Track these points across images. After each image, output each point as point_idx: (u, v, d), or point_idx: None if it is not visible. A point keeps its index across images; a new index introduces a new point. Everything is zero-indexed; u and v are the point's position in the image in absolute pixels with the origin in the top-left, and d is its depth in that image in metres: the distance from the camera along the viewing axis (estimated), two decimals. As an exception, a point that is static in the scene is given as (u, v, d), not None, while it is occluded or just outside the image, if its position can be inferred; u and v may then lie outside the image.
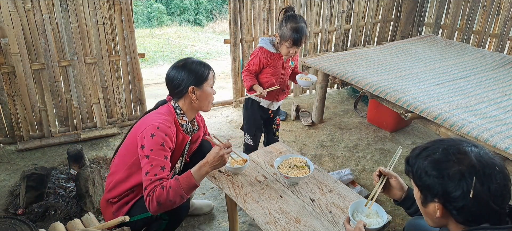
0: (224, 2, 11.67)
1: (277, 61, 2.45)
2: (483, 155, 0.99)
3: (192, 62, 1.78)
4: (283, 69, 2.49)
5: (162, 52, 7.73)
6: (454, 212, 1.00)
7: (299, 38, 2.27)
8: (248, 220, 2.36)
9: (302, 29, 2.27)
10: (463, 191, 0.96)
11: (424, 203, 1.08)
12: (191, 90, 1.75)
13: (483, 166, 0.96)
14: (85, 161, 2.76)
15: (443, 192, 0.99)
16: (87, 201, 2.33)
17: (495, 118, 2.37)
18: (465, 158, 0.98)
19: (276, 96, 2.57)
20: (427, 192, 1.05)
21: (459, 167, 0.97)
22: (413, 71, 3.19)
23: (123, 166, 1.73)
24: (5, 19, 2.78)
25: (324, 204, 1.70)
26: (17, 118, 3.10)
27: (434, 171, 1.01)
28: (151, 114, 1.74)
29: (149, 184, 1.55)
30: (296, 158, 1.95)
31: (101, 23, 3.11)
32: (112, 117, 3.48)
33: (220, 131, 3.56)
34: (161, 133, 1.61)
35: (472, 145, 1.02)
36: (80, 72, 3.18)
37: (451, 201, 0.99)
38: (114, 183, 1.74)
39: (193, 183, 1.59)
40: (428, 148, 1.07)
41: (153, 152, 1.58)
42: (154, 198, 1.53)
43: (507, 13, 3.89)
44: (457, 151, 1.00)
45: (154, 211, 1.57)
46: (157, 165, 1.58)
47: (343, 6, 4.31)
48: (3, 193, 2.55)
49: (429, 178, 1.02)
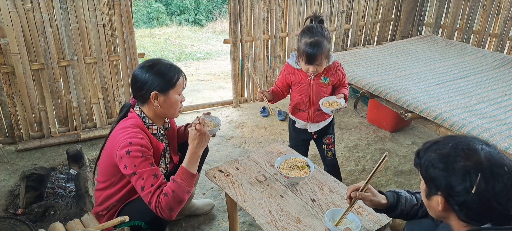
0: (224, 2, 11.67)
1: (302, 78, 2.19)
2: (493, 155, 0.99)
3: (161, 64, 1.67)
4: (310, 86, 2.19)
5: (162, 52, 7.73)
6: (455, 207, 1.00)
7: (313, 55, 1.99)
8: (248, 220, 2.36)
9: (316, 44, 1.98)
10: (465, 186, 0.96)
11: (428, 195, 1.08)
12: (154, 96, 1.64)
13: (491, 164, 0.96)
14: (85, 161, 2.75)
15: (446, 185, 1.00)
16: (87, 201, 2.33)
17: (495, 117, 2.37)
18: (473, 155, 0.98)
19: (311, 117, 2.26)
20: (431, 184, 1.05)
21: (465, 163, 0.97)
22: (413, 71, 3.19)
23: (109, 182, 1.72)
24: (4, 19, 2.78)
25: (325, 204, 1.70)
26: (16, 118, 3.10)
27: (441, 164, 1.02)
28: (119, 132, 1.63)
29: (150, 196, 1.52)
30: (297, 158, 1.94)
31: (100, 23, 3.11)
32: (112, 117, 3.47)
33: (220, 131, 3.55)
34: (135, 146, 1.55)
35: (484, 144, 1.02)
36: (79, 72, 3.17)
37: (453, 195, 0.99)
38: (103, 198, 1.75)
39: (190, 175, 1.56)
40: (439, 142, 1.07)
41: (137, 167, 1.54)
42: (164, 208, 1.51)
43: (507, 13, 3.89)
44: (466, 147, 1.00)
45: (170, 218, 1.54)
46: (148, 175, 1.54)
47: (343, 6, 4.31)
48: (3, 193, 2.55)
49: (435, 170, 1.02)
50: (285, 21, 4.06)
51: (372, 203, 1.38)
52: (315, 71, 2.09)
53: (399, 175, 2.87)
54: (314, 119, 2.26)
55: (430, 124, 2.47)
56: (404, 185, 2.75)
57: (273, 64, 4.15)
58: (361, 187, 1.36)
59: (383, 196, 1.40)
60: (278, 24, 3.96)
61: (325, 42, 2.02)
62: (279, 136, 3.47)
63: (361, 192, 1.35)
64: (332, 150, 2.40)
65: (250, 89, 4.13)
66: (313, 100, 2.21)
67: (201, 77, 5.88)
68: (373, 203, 1.38)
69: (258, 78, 4.07)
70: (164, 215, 1.53)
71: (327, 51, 2.06)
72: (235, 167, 1.98)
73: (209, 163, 2.95)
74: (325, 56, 2.05)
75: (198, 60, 7.20)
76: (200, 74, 6.14)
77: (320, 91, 2.19)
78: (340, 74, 2.22)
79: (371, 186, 1.38)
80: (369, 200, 1.37)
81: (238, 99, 4.10)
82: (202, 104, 4.13)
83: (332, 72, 2.20)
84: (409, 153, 3.18)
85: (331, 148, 2.39)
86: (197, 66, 6.75)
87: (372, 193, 1.38)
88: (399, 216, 1.42)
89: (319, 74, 2.16)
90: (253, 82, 4.09)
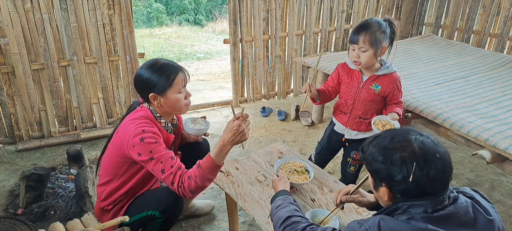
0: (224, 2, 11.67)
1: (353, 80, 2.10)
2: (426, 143, 1.05)
3: (158, 64, 1.67)
4: (359, 89, 2.09)
5: (162, 52, 7.73)
6: (398, 195, 1.07)
7: (357, 32, 1.92)
8: (248, 220, 2.36)
9: (363, 24, 1.92)
10: (403, 175, 1.03)
11: (375, 187, 1.15)
12: (152, 98, 1.67)
13: (425, 153, 1.03)
14: (85, 161, 2.76)
15: (388, 176, 1.07)
16: (87, 201, 2.33)
17: (495, 117, 2.37)
18: (408, 146, 1.05)
19: (351, 122, 2.16)
20: (376, 177, 1.12)
21: (402, 153, 1.04)
22: (413, 71, 3.19)
23: (113, 176, 1.72)
24: (4, 19, 2.78)
25: (325, 204, 1.70)
26: (16, 118, 3.10)
27: (380, 157, 1.08)
28: (129, 122, 1.64)
29: (173, 177, 1.54)
30: (295, 162, 1.90)
31: (100, 23, 3.11)
32: (111, 117, 3.47)
33: (220, 131, 3.56)
34: (148, 133, 1.57)
35: (418, 134, 1.08)
36: (79, 72, 3.17)
37: (394, 185, 1.06)
38: (107, 193, 1.75)
39: (216, 165, 1.56)
40: (379, 137, 1.13)
41: (153, 152, 1.56)
42: (187, 189, 1.54)
43: (507, 13, 3.89)
44: (402, 139, 1.07)
45: (190, 197, 1.59)
46: (166, 158, 1.56)
47: (343, 6, 4.31)
48: (3, 193, 2.55)
49: (377, 163, 1.09)
50: (285, 21, 4.06)
51: (362, 204, 1.44)
52: (358, 58, 1.96)
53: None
54: (354, 125, 2.16)
55: (430, 123, 2.47)
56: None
57: (273, 64, 4.15)
58: (351, 190, 1.42)
59: (373, 195, 1.43)
60: (278, 24, 3.96)
61: (375, 28, 1.91)
62: (279, 136, 3.47)
63: (350, 195, 1.42)
64: (356, 166, 2.29)
65: (250, 90, 4.13)
66: (357, 104, 2.11)
67: (201, 77, 5.88)
68: (363, 204, 1.44)
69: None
70: (186, 195, 1.56)
71: (375, 37, 1.91)
72: (235, 167, 1.99)
73: (209, 163, 2.95)
74: (369, 41, 1.91)
75: (198, 60, 7.21)
76: (200, 74, 6.14)
77: (368, 98, 2.07)
78: (395, 88, 2.07)
79: (360, 188, 1.42)
80: (358, 201, 1.43)
81: (238, 99, 4.10)
82: (202, 104, 4.13)
83: (386, 82, 2.05)
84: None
85: (356, 163, 2.28)
86: (197, 66, 6.75)
87: (361, 194, 1.44)
88: None
89: (371, 80, 2.05)
90: (253, 82, 4.09)
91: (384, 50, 2.00)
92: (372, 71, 2.08)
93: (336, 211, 1.47)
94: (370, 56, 1.97)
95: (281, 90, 4.31)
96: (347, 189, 1.43)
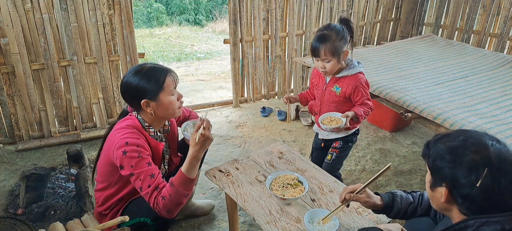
0: (224, 2, 11.67)
1: (320, 82, 2.17)
2: (503, 151, 0.99)
3: (144, 69, 1.62)
4: (323, 91, 2.16)
5: (162, 52, 7.73)
6: (458, 200, 1.01)
7: (315, 47, 1.96)
8: (248, 220, 2.36)
9: (321, 37, 1.95)
10: (471, 180, 0.96)
11: (433, 186, 1.09)
12: (144, 104, 1.62)
13: (501, 160, 0.96)
14: (85, 161, 2.76)
15: (452, 177, 1.01)
16: (87, 201, 2.33)
17: (495, 117, 2.37)
18: (483, 150, 0.98)
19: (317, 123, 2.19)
20: (437, 175, 1.06)
21: (474, 157, 0.98)
22: (413, 71, 3.19)
23: (108, 183, 1.72)
24: (4, 19, 2.78)
25: (325, 204, 1.69)
26: (16, 118, 3.10)
27: (448, 156, 1.02)
28: (115, 132, 1.61)
29: (148, 197, 1.53)
30: (286, 175, 1.82)
31: (100, 23, 3.11)
32: (111, 117, 3.47)
33: (220, 131, 3.56)
34: (131, 146, 1.54)
35: (495, 141, 1.02)
36: (79, 72, 3.17)
37: (457, 187, 1.00)
38: (103, 198, 1.75)
39: (189, 179, 1.53)
40: (450, 135, 1.08)
41: (134, 167, 1.53)
42: (162, 209, 1.52)
43: (507, 13, 3.89)
44: (477, 141, 1.01)
45: (169, 217, 1.56)
46: (145, 176, 1.53)
47: (343, 6, 4.31)
48: (3, 193, 2.55)
49: (442, 162, 1.03)
50: (285, 21, 4.06)
51: (367, 204, 1.40)
52: (324, 68, 2.01)
53: (399, 175, 2.87)
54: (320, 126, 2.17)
55: (430, 123, 2.47)
56: (404, 185, 2.75)
57: (273, 64, 4.15)
58: (357, 189, 1.38)
59: (379, 197, 1.41)
60: (278, 24, 3.96)
61: (333, 38, 1.93)
62: (279, 136, 3.47)
63: (355, 194, 1.37)
64: (334, 156, 2.24)
65: (250, 90, 4.13)
66: (324, 106, 2.18)
67: (201, 77, 5.88)
68: (368, 204, 1.40)
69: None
70: (163, 215, 1.54)
71: (334, 48, 1.94)
72: (235, 167, 1.98)
73: (209, 163, 2.95)
74: (330, 52, 1.94)
75: (198, 60, 7.21)
76: (200, 74, 6.14)
77: (330, 99, 2.12)
78: (357, 90, 2.05)
79: (367, 188, 1.39)
80: (364, 201, 1.39)
81: (238, 99, 4.10)
82: (202, 104, 4.13)
83: (346, 84, 2.06)
84: (409, 153, 3.18)
85: (333, 152, 2.24)
86: (197, 66, 6.75)
87: (367, 195, 1.39)
88: (397, 216, 1.42)
89: (332, 82, 2.09)
90: (253, 82, 4.09)
91: (346, 54, 2.04)
92: (335, 73, 2.11)
93: (340, 208, 1.43)
94: (334, 65, 2.02)
95: (281, 90, 4.31)
96: (354, 187, 1.39)
